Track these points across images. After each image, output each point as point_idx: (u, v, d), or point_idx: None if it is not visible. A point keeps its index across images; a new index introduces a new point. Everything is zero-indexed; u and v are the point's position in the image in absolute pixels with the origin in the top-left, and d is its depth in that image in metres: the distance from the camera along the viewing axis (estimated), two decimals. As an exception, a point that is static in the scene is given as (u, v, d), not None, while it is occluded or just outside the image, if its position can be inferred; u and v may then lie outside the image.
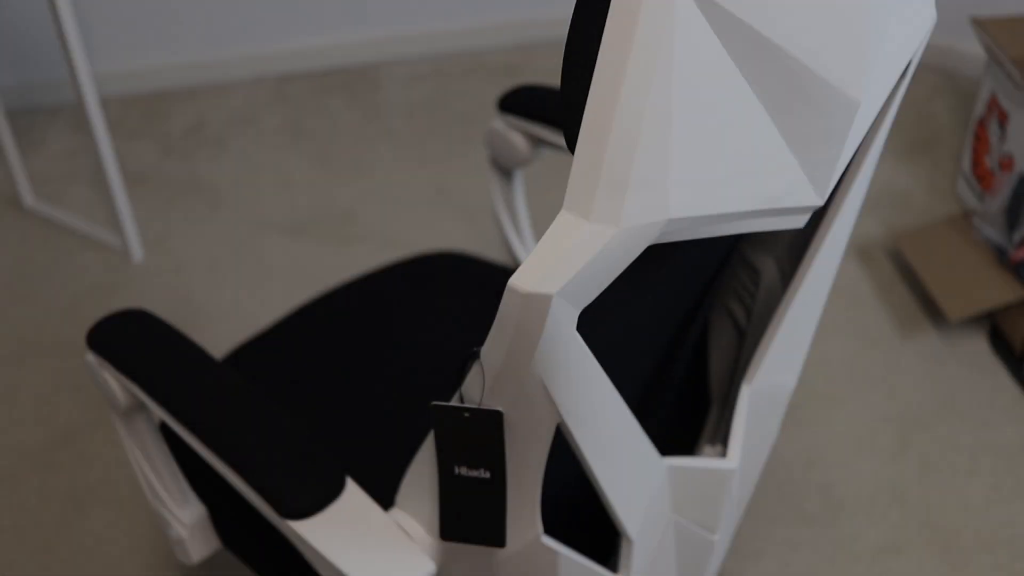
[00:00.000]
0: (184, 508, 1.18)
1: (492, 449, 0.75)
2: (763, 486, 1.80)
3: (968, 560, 1.69)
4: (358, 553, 0.86)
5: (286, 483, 0.89)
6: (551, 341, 0.67)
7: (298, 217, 2.47)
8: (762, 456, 1.12)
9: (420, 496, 0.86)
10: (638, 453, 0.85)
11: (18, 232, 2.45)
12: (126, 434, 1.13)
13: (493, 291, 1.40)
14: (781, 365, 1.03)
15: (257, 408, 0.95)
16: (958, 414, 1.93)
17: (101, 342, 1.04)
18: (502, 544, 0.81)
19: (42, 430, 1.94)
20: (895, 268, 2.26)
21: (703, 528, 1.02)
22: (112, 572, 1.70)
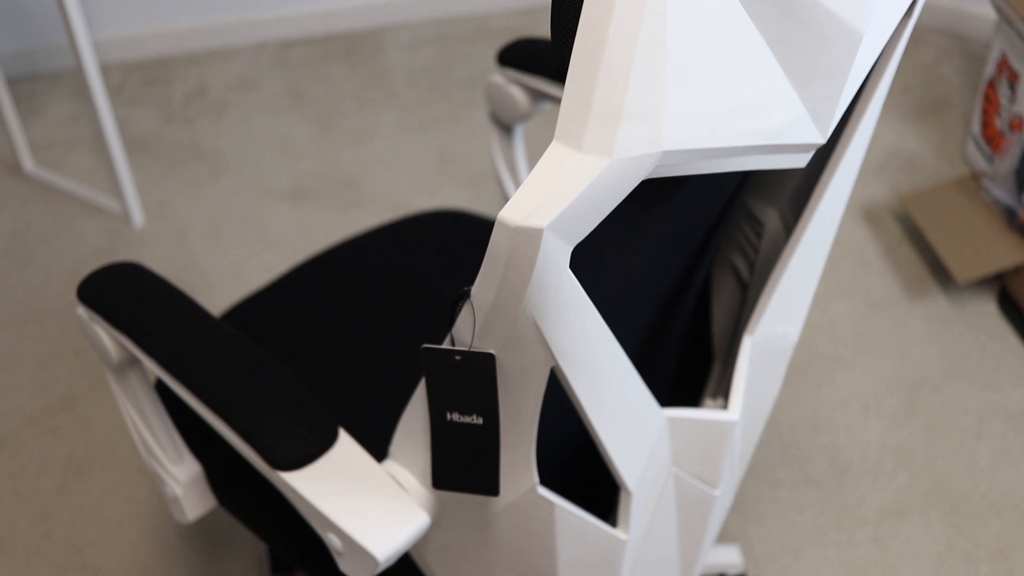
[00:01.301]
0: (179, 466, 1.17)
1: (484, 394, 0.73)
2: (768, 449, 1.78)
3: (975, 523, 1.67)
4: (350, 504, 0.84)
5: (277, 434, 0.87)
6: (543, 278, 0.65)
7: (300, 182, 2.45)
8: (764, 410, 1.10)
9: (413, 446, 0.84)
10: (636, 401, 0.83)
11: (18, 198, 2.43)
12: (119, 390, 1.12)
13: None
14: (783, 315, 1.01)
15: (248, 359, 0.93)
16: (966, 377, 1.91)
17: (92, 295, 1.02)
18: (496, 493, 0.79)
19: (42, 395, 1.93)
20: (902, 231, 2.24)
21: (704, 483, 1.00)
22: (112, 536, 1.69)
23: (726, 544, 1.62)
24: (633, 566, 1.02)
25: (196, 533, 1.68)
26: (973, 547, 1.64)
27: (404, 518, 0.84)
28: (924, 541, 1.65)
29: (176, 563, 1.64)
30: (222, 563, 1.64)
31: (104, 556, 1.66)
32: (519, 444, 0.79)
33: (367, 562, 0.83)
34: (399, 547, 0.83)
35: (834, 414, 1.85)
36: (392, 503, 0.85)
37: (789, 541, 1.65)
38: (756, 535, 1.66)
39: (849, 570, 1.61)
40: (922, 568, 1.61)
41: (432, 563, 0.97)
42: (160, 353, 0.95)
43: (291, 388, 0.90)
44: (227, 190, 2.43)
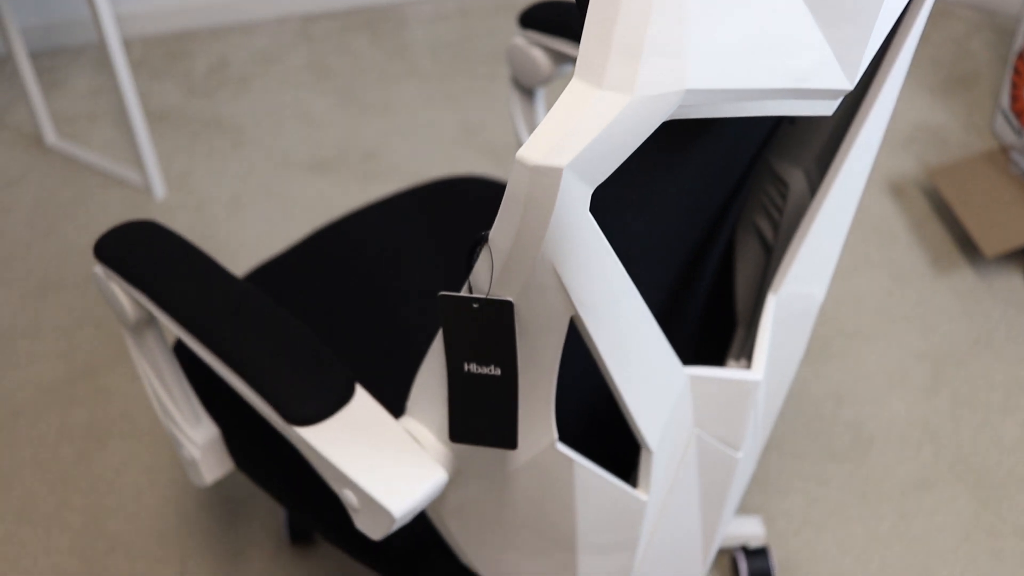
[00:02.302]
0: (196, 428, 1.16)
1: (502, 343, 0.71)
2: (791, 422, 1.76)
3: (1001, 498, 1.65)
4: (366, 460, 0.83)
5: (293, 389, 0.86)
6: (562, 221, 0.63)
7: (321, 155, 2.44)
8: (789, 373, 1.08)
9: (430, 401, 0.83)
10: (658, 356, 0.82)
11: (40, 170, 2.43)
12: (136, 350, 1.11)
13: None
14: (808, 274, 0.99)
15: (265, 314, 0.92)
16: (993, 351, 1.89)
17: (109, 253, 1.01)
18: (513, 446, 0.78)
19: (63, 365, 1.93)
20: (930, 205, 2.21)
21: (726, 445, 0.98)
22: (131, 504, 1.68)
23: (748, 515, 1.61)
24: (653, 529, 1.00)
25: (215, 502, 1.67)
26: (999, 521, 1.62)
27: (421, 474, 0.83)
28: (949, 515, 1.63)
29: (195, 532, 1.64)
30: (240, 532, 1.63)
31: (123, 524, 1.65)
32: (538, 397, 0.77)
33: (383, 518, 0.82)
34: (416, 503, 0.82)
35: (858, 387, 1.83)
36: (409, 459, 0.83)
37: (812, 515, 1.63)
38: (778, 509, 1.64)
39: (873, 544, 1.59)
40: (947, 542, 1.59)
41: (449, 523, 0.96)
42: (176, 309, 0.94)
43: (308, 343, 0.89)
44: (248, 162, 2.42)
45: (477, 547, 0.98)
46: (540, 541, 0.94)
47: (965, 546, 1.59)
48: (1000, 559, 1.57)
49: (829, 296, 2.00)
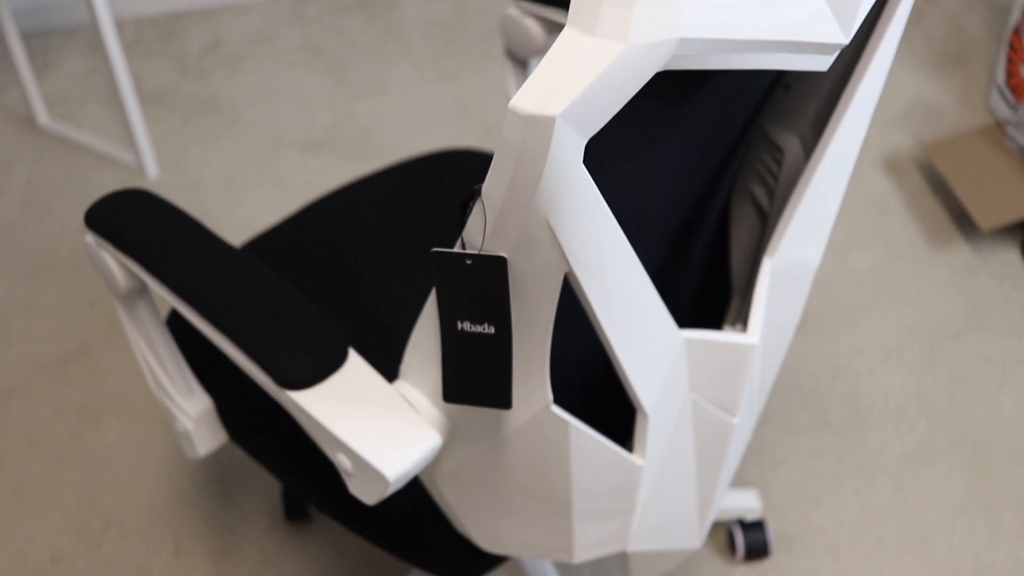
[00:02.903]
0: (190, 400, 1.15)
1: (496, 301, 0.71)
2: (787, 396, 1.76)
3: (997, 471, 1.65)
4: (360, 424, 0.83)
5: (285, 352, 0.85)
6: (556, 172, 0.62)
7: (315, 134, 2.43)
8: (785, 338, 1.08)
9: (424, 363, 0.82)
10: (653, 317, 0.81)
11: (33, 151, 2.42)
12: (128, 321, 1.10)
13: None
14: (804, 238, 0.98)
15: (256, 279, 0.91)
16: (989, 325, 1.88)
17: (100, 221, 1.00)
18: (508, 405, 0.77)
19: (56, 344, 1.92)
20: (925, 180, 2.20)
21: (722, 410, 0.98)
22: (126, 482, 1.68)
23: (744, 488, 1.60)
24: (649, 496, 1.00)
25: (210, 479, 1.67)
26: (995, 494, 1.61)
27: (415, 437, 0.82)
28: (945, 488, 1.63)
29: (190, 509, 1.63)
30: (236, 509, 1.63)
31: (118, 502, 1.65)
32: (532, 357, 0.76)
33: (377, 482, 0.82)
34: (410, 467, 0.81)
35: (854, 361, 1.82)
36: (403, 423, 0.83)
37: (808, 488, 1.63)
38: (775, 482, 1.64)
39: (869, 516, 1.59)
40: (943, 514, 1.59)
41: (444, 489, 0.95)
42: (167, 276, 0.94)
43: (300, 307, 0.88)
44: (242, 142, 2.41)
45: (472, 514, 0.98)
46: (536, 507, 0.94)
47: (962, 518, 1.58)
48: (996, 531, 1.56)
49: (825, 271, 2.00)
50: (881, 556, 1.54)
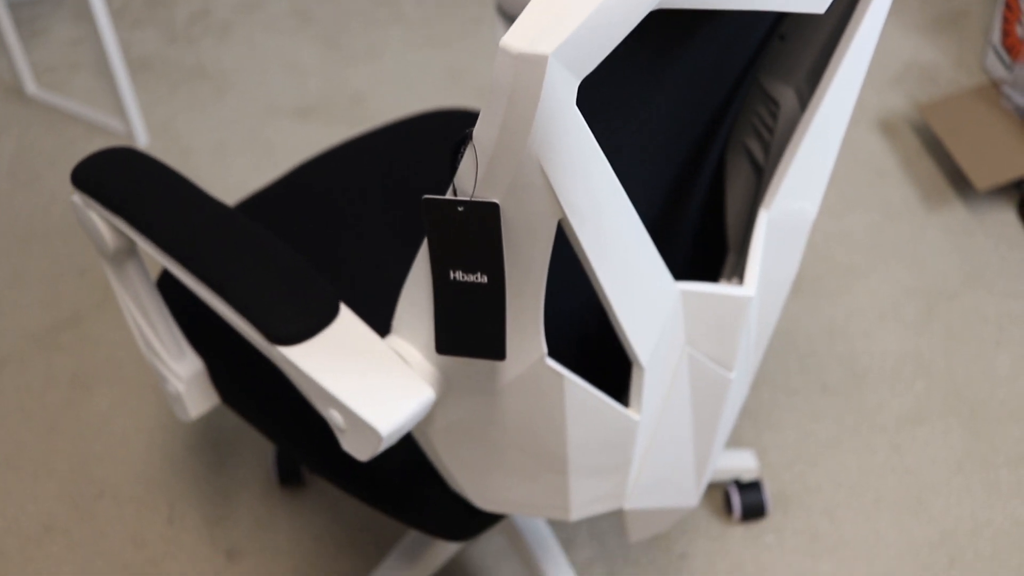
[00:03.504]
0: (180, 362, 1.14)
1: (489, 249, 0.69)
2: (783, 357, 1.75)
3: (993, 430, 1.64)
4: (352, 379, 0.81)
5: (276, 307, 0.84)
6: (548, 114, 0.61)
7: (306, 101, 2.41)
8: (781, 292, 1.07)
9: (416, 317, 0.81)
10: (648, 267, 0.80)
11: (21, 120, 2.39)
12: (117, 283, 1.09)
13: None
14: (800, 190, 0.97)
15: (246, 234, 0.90)
16: (985, 285, 1.88)
17: (87, 179, 0.99)
18: (501, 356, 0.76)
19: (47, 313, 1.91)
20: (920, 141, 2.19)
21: (719, 365, 0.97)
22: (118, 450, 1.67)
23: (740, 449, 1.60)
24: (646, 451, 0.99)
25: (203, 446, 1.66)
26: (992, 453, 1.61)
27: (408, 392, 0.81)
28: (942, 447, 1.62)
29: (183, 475, 1.62)
30: (229, 475, 1.62)
31: (111, 469, 1.64)
32: (526, 307, 0.75)
33: (370, 438, 0.80)
34: (402, 421, 0.80)
35: (851, 322, 1.82)
36: (395, 377, 0.82)
37: (805, 448, 1.62)
38: (771, 442, 1.63)
39: (866, 476, 1.58)
40: (940, 474, 1.58)
41: (438, 446, 0.94)
42: (156, 233, 0.92)
43: (290, 263, 0.87)
44: (232, 109, 2.39)
45: (467, 471, 0.97)
46: (531, 463, 0.93)
47: (958, 477, 1.58)
48: (993, 490, 1.56)
49: (820, 233, 1.98)
50: (878, 516, 1.54)
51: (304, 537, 1.53)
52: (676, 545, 1.51)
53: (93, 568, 1.52)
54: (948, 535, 1.51)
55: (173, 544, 1.54)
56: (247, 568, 1.51)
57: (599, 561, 1.49)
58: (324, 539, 1.53)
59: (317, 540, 1.53)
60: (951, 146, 2.00)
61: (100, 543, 1.55)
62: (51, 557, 1.54)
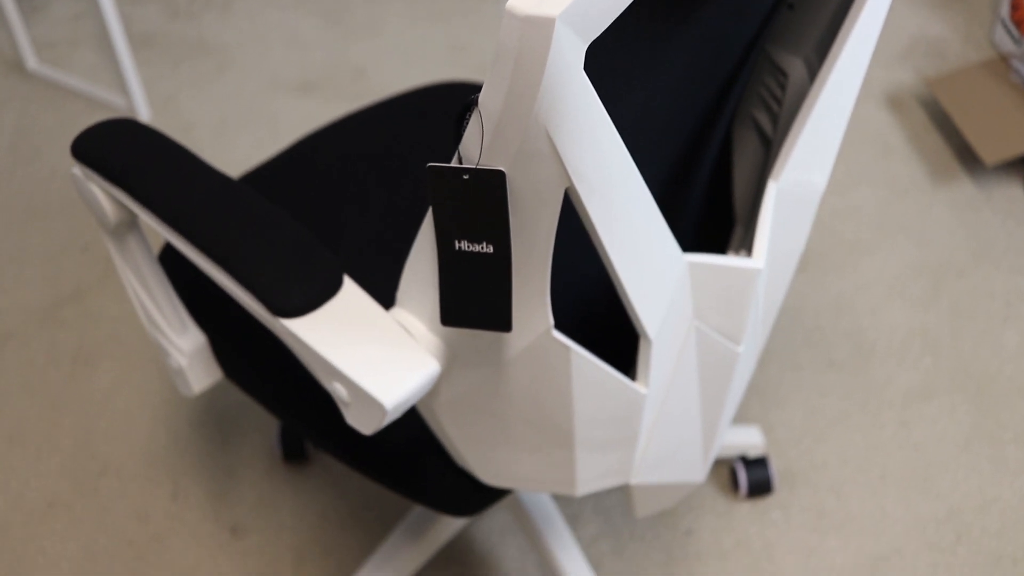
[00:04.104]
0: (183, 336, 1.13)
1: (495, 218, 0.68)
2: (790, 333, 1.74)
3: (1002, 407, 1.63)
4: (356, 351, 0.80)
5: (279, 279, 0.83)
6: (555, 78, 0.60)
7: (308, 76, 2.39)
8: (790, 266, 1.06)
9: (421, 289, 0.80)
10: (656, 237, 0.79)
11: (22, 96, 2.38)
12: (119, 257, 1.08)
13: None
14: (810, 161, 0.96)
15: (249, 205, 0.89)
16: (993, 261, 1.86)
17: (87, 151, 0.98)
18: (508, 328, 0.75)
19: (49, 289, 1.90)
20: (928, 117, 2.17)
21: (726, 338, 0.96)
22: (122, 425, 1.66)
23: (747, 425, 1.59)
24: (653, 426, 0.98)
25: (207, 422, 1.65)
26: (999, 429, 1.60)
27: (413, 365, 0.80)
28: (950, 423, 1.61)
29: (187, 452, 1.62)
30: (233, 451, 1.61)
31: (114, 445, 1.63)
32: (532, 278, 0.74)
33: (375, 411, 0.79)
34: (408, 394, 0.79)
35: (858, 298, 1.80)
36: (400, 350, 0.81)
37: (812, 424, 1.61)
38: (778, 419, 1.62)
39: (873, 452, 1.57)
40: (947, 450, 1.58)
41: (443, 420, 0.93)
42: (157, 205, 0.91)
43: (294, 234, 0.86)
44: (234, 84, 2.38)
45: (472, 446, 0.96)
46: (537, 437, 0.92)
47: (966, 454, 1.57)
48: (1001, 466, 1.55)
49: (827, 208, 1.97)
50: (885, 492, 1.53)
51: (308, 514, 1.53)
52: (682, 521, 1.50)
53: (97, 544, 1.52)
54: (955, 511, 1.50)
55: (177, 520, 1.54)
56: (251, 544, 1.50)
57: (605, 537, 1.49)
58: (328, 516, 1.52)
59: (321, 517, 1.52)
60: (959, 121, 1.98)
61: (104, 519, 1.54)
62: (55, 533, 1.53)
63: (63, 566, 1.49)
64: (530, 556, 1.47)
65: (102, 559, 1.50)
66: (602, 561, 1.46)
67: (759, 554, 1.46)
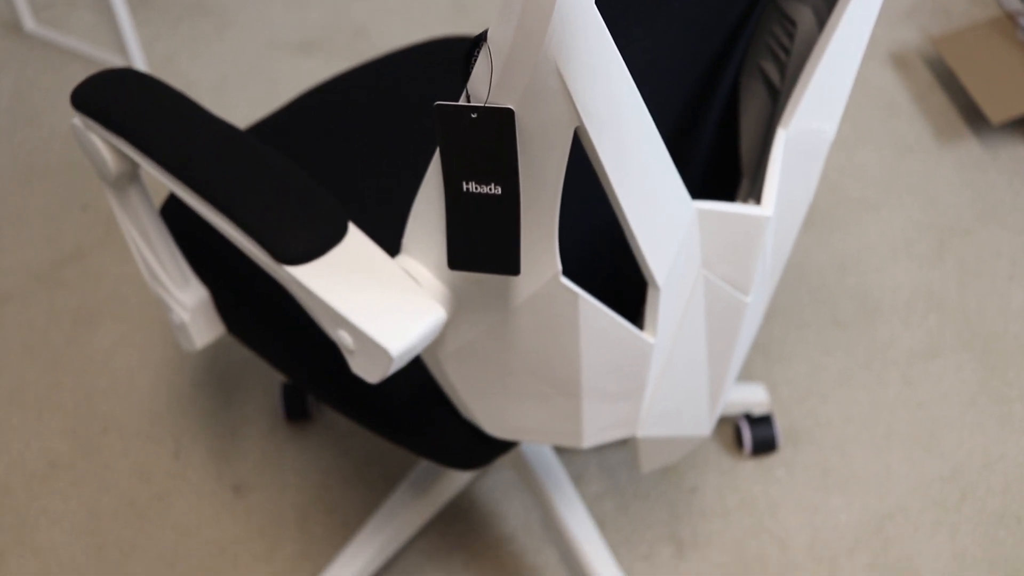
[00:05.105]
0: (185, 291, 1.12)
1: (503, 158, 0.67)
2: (794, 291, 1.73)
3: (1007, 364, 1.62)
4: (362, 298, 0.79)
5: (283, 226, 0.82)
6: (566, 12, 0.58)
7: (309, 35, 2.37)
8: (798, 216, 1.04)
9: (427, 234, 0.79)
10: (665, 182, 0.77)
11: (19, 57, 2.36)
12: (120, 210, 1.07)
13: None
14: (819, 109, 0.94)
15: (252, 152, 0.87)
16: (999, 220, 1.85)
17: (87, 100, 0.96)
18: (516, 271, 0.74)
19: (50, 249, 1.89)
20: (933, 76, 2.15)
21: (735, 288, 0.95)
22: (123, 385, 1.66)
23: (751, 383, 1.58)
24: (660, 377, 0.97)
25: (209, 381, 1.64)
26: (1006, 387, 1.59)
27: (419, 311, 0.79)
28: (955, 382, 1.60)
29: (189, 411, 1.61)
30: (235, 410, 1.60)
31: (116, 405, 1.63)
32: (540, 222, 0.73)
33: (380, 359, 0.79)
34: (414, 342, 0.78)
35: (862, 257, 1.79)
36: (406, 297, 0.80)
37: (816, 383, 1.61)
38: (782, 377, 1.61)
39: (878, 411, 1.57)
40: (953, 408, 1.57)
41: (448, 371, 0.92)
42: (159, 153, 0.90)
43: (298, 181, 0.85)
44: (234, 44, 2.36)
45: (478, 397, 0.95)
46: (543, 387, 0.91)
47: (971, 412, 1.56)
48: (1007, 424, 1.55)
49: (832, 167, 1.96)
50: (889, 450, 1.52)
51: (311, 472, 1.52)
52: (686, 479, 1.49)
53: (99, 503, 1.51)
54: (960, 469, 1.50)
55: (179, 479, 1.53)
56: (254, 503, 1.50)
57: (609, 495, 1.48)
58: (332, 473, 1.52)
59: (325, 474, 1.52)
60: (965, 79, 1.97)
61: (106, 478, 1.54)
62: (57, 492, 1.53)
63: (65, 525, 1.49)
64: (534, 514, 1.47)
65: (104, 518, 1.50)
66: (606, 519, 1.46)
67: (763, 512, 1.46)
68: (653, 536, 1.44)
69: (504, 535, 1.45)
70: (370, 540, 1.36)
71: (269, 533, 1.46)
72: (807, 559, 1.41)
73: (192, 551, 1.46)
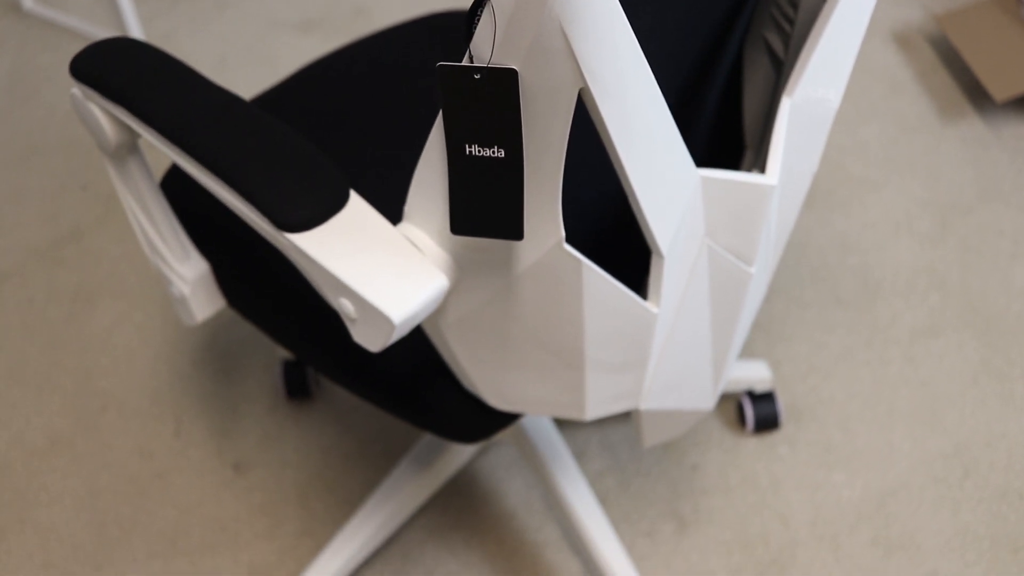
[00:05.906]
0: (185, 264, 1.11)
1: (506, 120, 0.66)
2: (796, 269, 1.72)
3: (1010, 343, 1.62)
4: (364, 266, 0.79)
5: (284, 193, 0.81)
6: (571, -32, 0.58)
7: (309, 14, 2.36)
8: (802, 188, 1.04)
9: (429, 201, 0.78)
10: (670, 147, 0.77)
11: (18, 35, 2.35)
12: (120, 182, 1.06)
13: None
14: (824, 77, 0.94)
15: (252, 119, 0.87)
16: (1002, 199, 1.84)
17: (86, 70, 0.95)
18: (519, 236, 0.73)
19: (49, 228, 1.88)
20: (936, 55, 2.14)
21: (739, 258, 0.94)
22: (123, 363, 1.65)
23: (754, 359, 1.57)
24: (664, 348, 0.97)
25: (209, 359, 1.64)
26: (1007, 366, 1.59)
27: (421, 279, 0.78)
28: (957, 360, 1.60)
29: (189, 389, 1.60)
30: (236, 388, 1.60)
31: (116, 383, 1.62)
32: (544, 186, 0.72)
33: (382, 326, 0.78)
34: (416, 309, 0.78)
35: (864, 235, 1.79)
36: (408, 264, 0.79)
37: (818, 361, 1.60)
38: (784, 355, 1.61)
39: (880, 388, 1.56)
40: (955, 386, 1.56)
41: (450, 340, 0.92)
42: (159, 121, 0.89)
43: (299, 148, 0.84)
44: (233, 22, 2.35)
45: (480, 368, 0.94)
46: (546, 358, 0.90)
47: (973, 390, 1.56)
48: (1008, 402, 1.54)
49: (833, 145, 1.95)
50: (891, 428, 1.52)
51: (312, 449, 1.52)
52: (688, 456, 1.49)
53: (99, 481, 1.51)
54: (962, 447, 1.50)
55: (180, 457, 1.53)
56: (254, 480, 1.49)
57: (611, 472, 1.48)
58: (333, 451, 1.52)
59: (326, 452, 1.51)
60: (968, 57, 1.96)
61: (106, 456, 1.53)
62: (57, 470, 1.52)
63: (65, 503, 1.49)
64: (536, 490, 1.46)
65: (104, 496, 1.49)
66: (608, 496, 1.46)
67: (765, 489, 1.46)
68: (655, 513, 1.44)
69: (505, 512, 1.45)
70: (371, 517, 1.36)
71: (270, 510, 1.46)
72: (809, 536, 1.41)
73: (193, 529, 1.45)
